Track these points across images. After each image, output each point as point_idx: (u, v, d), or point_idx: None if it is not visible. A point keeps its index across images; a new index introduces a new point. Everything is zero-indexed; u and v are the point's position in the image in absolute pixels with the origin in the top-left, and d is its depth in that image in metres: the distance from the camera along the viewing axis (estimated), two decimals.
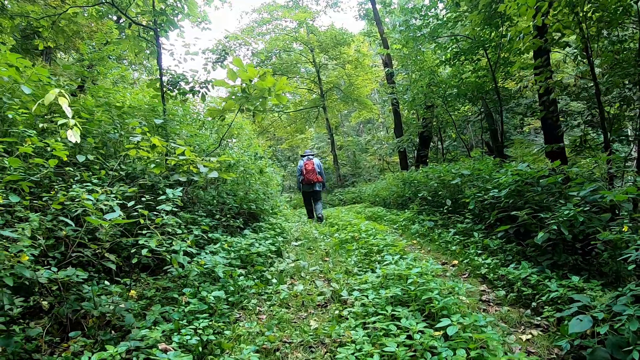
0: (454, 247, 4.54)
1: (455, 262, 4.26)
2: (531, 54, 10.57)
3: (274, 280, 3.28)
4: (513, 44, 10.06)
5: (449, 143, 15.92)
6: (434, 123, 12.92)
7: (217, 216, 4.20)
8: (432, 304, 2.24)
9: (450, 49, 10.36)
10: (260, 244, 3.88)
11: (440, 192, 5.88)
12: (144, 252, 2.25)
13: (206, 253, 3.16)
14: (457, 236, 4.79)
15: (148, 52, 6.16)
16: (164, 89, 5.76)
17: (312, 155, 7.74)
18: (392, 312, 2.22)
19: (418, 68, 11.95)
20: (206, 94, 5.82)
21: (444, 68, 11.77)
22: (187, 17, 5.97)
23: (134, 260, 2.32)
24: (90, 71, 9.50)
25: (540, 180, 4.02)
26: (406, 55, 11.78)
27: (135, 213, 2.52)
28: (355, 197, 14.19)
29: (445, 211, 5.51)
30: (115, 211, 2.60)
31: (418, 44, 10.21)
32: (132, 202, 2.52)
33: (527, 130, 12.77)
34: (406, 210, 7.23)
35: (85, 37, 11.94)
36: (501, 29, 9.42)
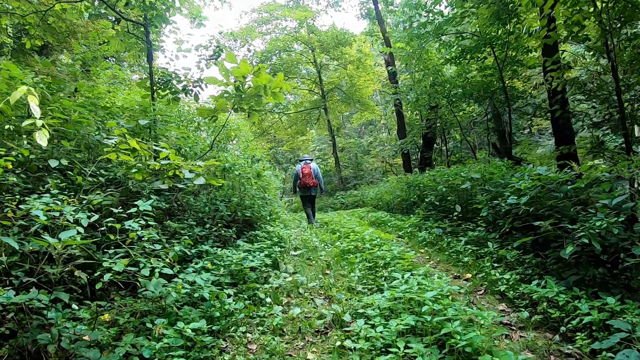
0: (466, 258, 4.17)
1: (469, 275, 3.89)
2: (538, 52, 10.21)
3: (268, 300, 2.92)
4: (520, 41, 9.72)
5: (453, 145, 15.53)
6: (438, 124, 12.54)
7: (208, 225, 3.84)
8: (453, 339, 1.87)
9: (455, 47, 10.00)
10: (254, 257, 3.52)
11: (449, 197, 5.51)
12: (107, 277, 1.89)
13: (186, 273, 2.76)
14: (469, 246, 4.42)
15: (139, 49, 5.81)
16: (155, 89, 5.43)
17: (310, 159, 7.78)
18: (405, 349, 1.85)
19: (422, 67, 11.58)
20: (199, 93, 5.49)
21: (449, 67, 11.41)
22: (178, 11, 5.63)
23: (98, 286, 1.97)
24: (83, 71, 9.19)
25: (565, 186, 3.65)
26: (410, 54, 11.42)
27: (104, 228, 2.17)
28: (357, 201, 13.79)
29: (455, 218, 5.14)
30: (83, 225, 2.25)
31: (422, 42, 9.84)
32: (97, 216, 2.15)
33: (533, 131, 12.38)
34: (411, 216, 6.86)
35: (79, 37, 11.64)
36: (508, 25, 9.10)
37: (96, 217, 2.09)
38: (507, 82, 9.80)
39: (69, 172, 3.17)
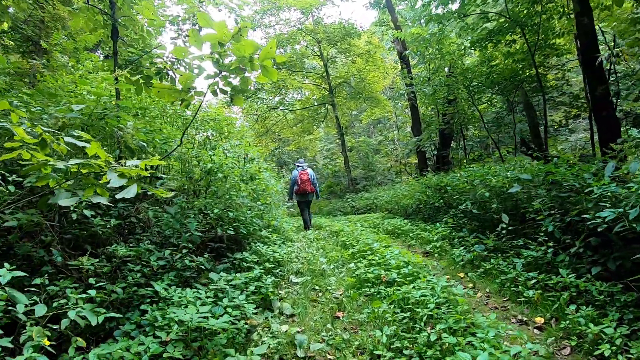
0: (530, 292, 3.01)
1: (540, 320, 2.74)
2: (570, 36, 8.96)
3: None
4: (551, 23, 8.58)
5: (468, 142, 14.22)
6: (456, 120, 11.32)
7: (169, 251, 2.75)
8: None
9: (479, 29, 8.82)
10: (232, 301, 2.41)
11: (492, 205, 4.34)
12: None
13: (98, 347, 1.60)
14: (531, 273, 3.26)
15: (102, 25, 4.75)
16: (118, 74, 4.40)
17: (306, 165, 7.90)
18: None
19: (440, 55, 10.40)
20: (175, 78, 4.45)
21: (473, 52, 10.20)
22: None
23: None
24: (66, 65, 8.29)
25: None
26: (426, 39, 10.22)
27: None
28: (369, 204, 12.57)
29: (504, 232, 3.98)
30: None
31: (443, 21, 8.64)
32: None
33: (568, 124, 11.05)
34: (437, 225, 5.70)
35: (60, 28, 10.78)
36: (537, 6, 8.02)
37: None
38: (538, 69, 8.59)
39: None
